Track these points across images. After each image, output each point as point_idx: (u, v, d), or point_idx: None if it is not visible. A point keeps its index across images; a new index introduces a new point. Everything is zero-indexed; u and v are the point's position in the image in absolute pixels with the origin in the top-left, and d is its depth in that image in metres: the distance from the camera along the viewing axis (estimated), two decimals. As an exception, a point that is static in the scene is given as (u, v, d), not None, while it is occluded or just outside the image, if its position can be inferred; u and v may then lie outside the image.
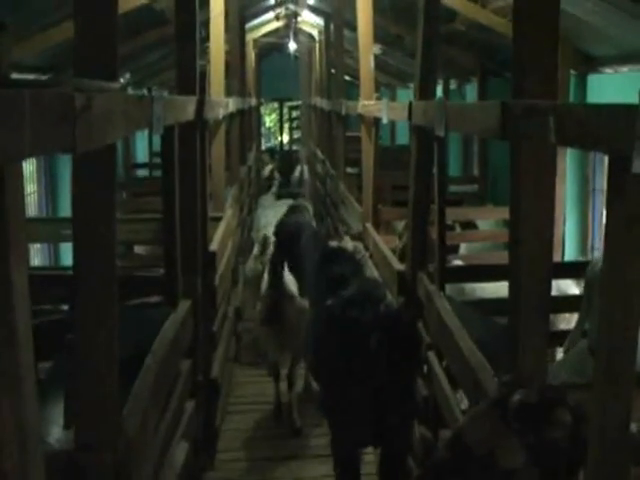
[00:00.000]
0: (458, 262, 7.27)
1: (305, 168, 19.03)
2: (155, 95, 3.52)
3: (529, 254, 3.13)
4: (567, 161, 8.91)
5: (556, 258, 9.31)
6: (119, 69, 2.68)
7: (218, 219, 7.92)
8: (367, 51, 8.91)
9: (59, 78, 8.53)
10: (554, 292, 5.89)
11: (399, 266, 6.04)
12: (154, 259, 7.88)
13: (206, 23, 8.89)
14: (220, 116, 7.23)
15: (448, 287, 5.34)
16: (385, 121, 7.13)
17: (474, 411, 3.21)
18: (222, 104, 7.56)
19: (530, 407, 2.93)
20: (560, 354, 5.92)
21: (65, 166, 11.30)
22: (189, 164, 5.24)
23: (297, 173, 18.14)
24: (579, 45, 8.56)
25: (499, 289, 6.39)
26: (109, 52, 2.63)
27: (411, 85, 19.45)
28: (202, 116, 5.39)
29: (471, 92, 13.61)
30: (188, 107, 4.90)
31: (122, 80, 3.18)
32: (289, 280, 7.03)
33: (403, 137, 19.96)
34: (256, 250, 8.83)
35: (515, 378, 3.18)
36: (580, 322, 4.87)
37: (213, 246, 6.50)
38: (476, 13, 8.92)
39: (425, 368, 5.30)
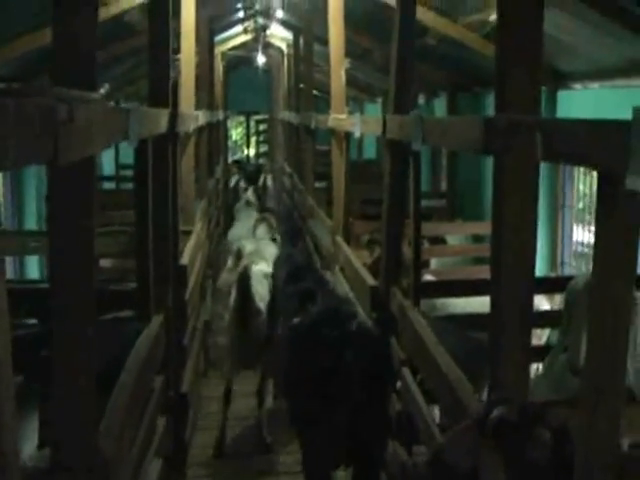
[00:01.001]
0: (429, 277, 7.25)
1: (269, 177, 19.15)
2: (131, 107, 3.46)
3: (511, 269, 3.10)
4: (541, 174, 8.92)
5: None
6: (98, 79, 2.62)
7: (188, 233, 7.86)
8: (338, 64, 8.89)
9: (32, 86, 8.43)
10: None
11: (372, 281, 6.00)
12: (120, 272, 7.79)
13: (176, 35, 8.85)
14: (191, 129, 7.17)
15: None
16: (357, 135, 7.11)
17: (454, 429, 3.18)
18: (193, 117, 7.51)
19: (510, 424, 2.89)
20: (536, 370, 5.92)
21: (30, 178, 11.17)
22: (162, 177, 5.17)
23: (260, 183, 18.43)
24: (549, 61, 8.59)
25: (470, 304, 6.40)
26: (89, 60, 2.56)
27: (379, 100, 19.53)
28: (175, 129, 5.33)
29: (440, 107, 13.65)
30: (161, 120, 4.84)
31: (102, 90, 3.07)
32: (260, 294, 6.98)
33: (370, 151, 20.00)
34: (230, 262, 8.81)
35: (499, 396, 3.14)
36: (560, 340, 4.84)
37: (183, 260, 6.43)
38: (448, 28, 8.93)
39: (399, 383, 5.26)
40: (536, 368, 6.67)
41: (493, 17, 7.80)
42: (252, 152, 32.14)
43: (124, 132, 3.30)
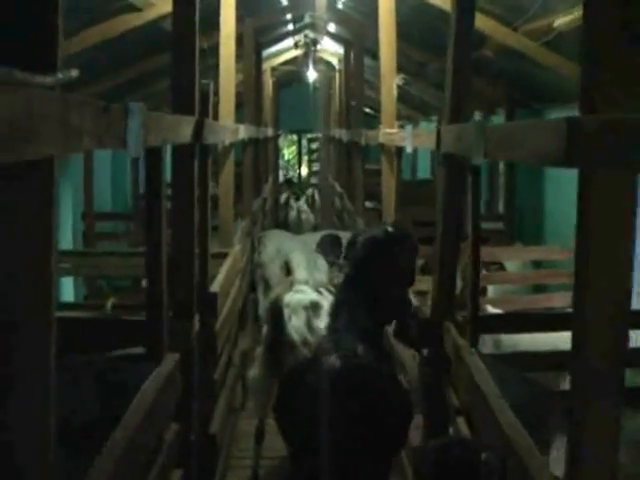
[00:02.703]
0: (490, 309, 6.53)
1: (315, 192, 18.96)
2: (131, 107, 2.85)
3: (600, 302, 2.42)
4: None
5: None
6: (62, 60, 1.95)
7: (224, 255, 7.24)
8: (389, 74, 8.26)
9: None
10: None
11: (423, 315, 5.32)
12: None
13: (217, 47, 8.26)
14: (227, 142, 6.56)
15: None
16: (409, 150, 6.44)
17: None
18: (230, 129, 6.89)
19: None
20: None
21: (66, 193, 10.70)
22: (185, 193, 4.58)
23: (309, 195, 19.17)
24: None
25: (535, 340, 5.72)
26: (45, 28, 1.89)
27: (434, 118, 18.82)
28: (201, 139, 4.73)
29: (497, 124, 12.96)
30: (183, 128, 4.23)
31: (60, 75, 2.40)
32: (296, 326, 6.33)
33: (424, 171, 19.30)
34: (281, 276, 8.41)
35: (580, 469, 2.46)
36: None
37: (215, 286, 5.79)
38: (507, 37, 8.25)
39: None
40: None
41: (559, 22, 7.12)
42: (304, 171, 31.67)
43: (118, 137, 2.69)
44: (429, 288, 5.54)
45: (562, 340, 6.52)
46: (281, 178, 25.04)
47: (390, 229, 5.22)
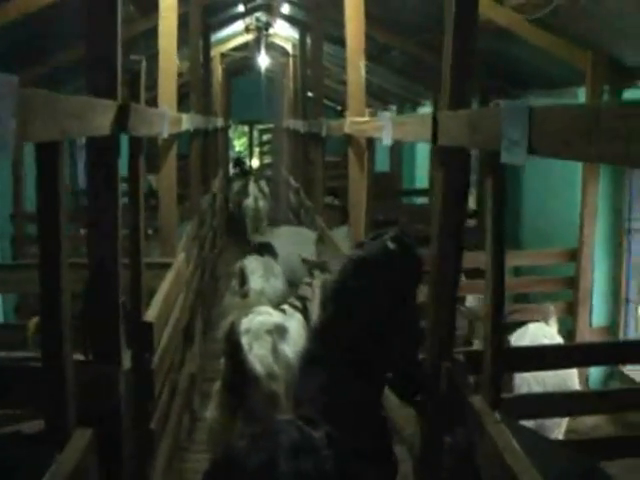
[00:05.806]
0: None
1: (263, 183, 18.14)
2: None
3: None
4: (599, 192, 7.31)
5: (583, 313, 7.57)
6: None
7: (167, 266, 6.09)
8: (356, 55, 7.17)
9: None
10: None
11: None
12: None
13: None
14: (165, 134, 5.41)
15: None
16: (387, 142, 5.32)
17: None
18: (170, 119, 5.73)
19: None
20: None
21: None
22: (103, 197, 3.47)
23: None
24: (613, 54, 6.97)
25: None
26: None
27: (393, 107, 17.71)
28: (127, 130, 3.59)
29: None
30: (96, 115, 3.08)
31: None
32: (260, 355, 5.25)
33: (383, 163, 18.20)
34: (233, 283, 7.88)
35: None
36: None
37: (152, 312, 4.63)
38: (492, 11, 7.18)
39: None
40: None
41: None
42: (256, 164, 30.66)
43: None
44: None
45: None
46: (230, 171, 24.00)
47: (392, 243, 3.98)
